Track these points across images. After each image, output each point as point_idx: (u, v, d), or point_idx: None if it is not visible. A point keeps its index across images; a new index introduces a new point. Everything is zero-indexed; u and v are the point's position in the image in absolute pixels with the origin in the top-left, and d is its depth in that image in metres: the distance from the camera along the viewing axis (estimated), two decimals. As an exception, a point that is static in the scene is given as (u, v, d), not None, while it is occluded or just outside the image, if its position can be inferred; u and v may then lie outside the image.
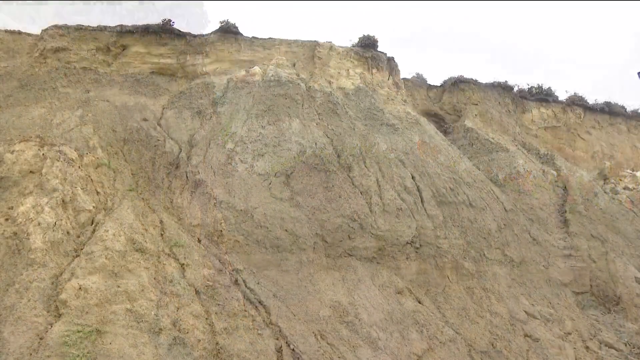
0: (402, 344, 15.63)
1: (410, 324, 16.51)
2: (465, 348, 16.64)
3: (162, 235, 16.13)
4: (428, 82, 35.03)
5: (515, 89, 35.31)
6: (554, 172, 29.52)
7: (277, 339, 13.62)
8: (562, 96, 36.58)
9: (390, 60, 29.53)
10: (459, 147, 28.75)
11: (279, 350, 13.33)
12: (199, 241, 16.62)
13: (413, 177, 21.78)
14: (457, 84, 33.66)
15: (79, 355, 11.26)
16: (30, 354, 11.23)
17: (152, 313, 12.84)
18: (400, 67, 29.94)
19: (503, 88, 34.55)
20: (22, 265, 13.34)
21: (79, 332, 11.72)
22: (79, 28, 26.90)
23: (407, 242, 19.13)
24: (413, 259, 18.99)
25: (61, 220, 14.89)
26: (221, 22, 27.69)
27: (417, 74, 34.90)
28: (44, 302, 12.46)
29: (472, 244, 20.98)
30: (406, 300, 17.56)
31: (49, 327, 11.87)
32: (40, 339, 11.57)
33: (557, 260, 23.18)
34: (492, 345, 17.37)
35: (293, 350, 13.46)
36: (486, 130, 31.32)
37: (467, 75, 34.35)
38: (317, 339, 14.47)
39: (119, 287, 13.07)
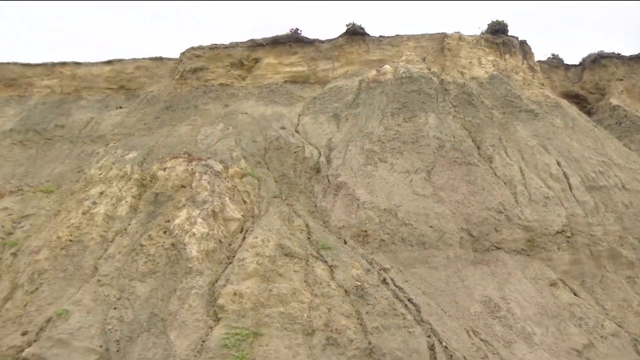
0: (559, 339, 14.93)
1: (567, 318, 15.73)
2: (629, 342, 15.53)
3: (308, 238, 16.56)
4: (565, 62, 33.39)
5: (666, 57, 32.64)
6: None
7: (429, 337, 13.43)
8: None
9: (523, 43, 28.48)
10: (605, 128, 27.14)
11: (432, 348, 13.13)
12: (345, 242, 16.88)
13: (558, 163, 20.78)
14: (598, 60, 31.73)
15: (238, 357, 11.84)
16: (195, 356, 12.01)
17: (305, 315, 13.21)
18: (533, 50, 28.86)
19: (650, 59, 32.11)
20: (181, 273, 14.33)
21: (237, 334, 12.33)
22: (213, 47, 28.43)
23: (558, 232, 18.22)
24: (565, 249, 18.07)
25: (213, 229, 15.78)
26: (347, 25, 28.03)
27: (553, 54, 33.45)
28: (203, 307, 13.28)
29: (630, 230, 19.61)
30: (560, 292, 16.75)
31: (209, 330, 12.63)
32: (203, 341, 12.34)
33: None
34: (662, 338, 16.12)
35: (446, 347, 13.22)
36: (635, 107, 29.31)
37: (608, 49, 32.36)
38: (470, 335, 14.17)
39: (271, 291, 13.58)
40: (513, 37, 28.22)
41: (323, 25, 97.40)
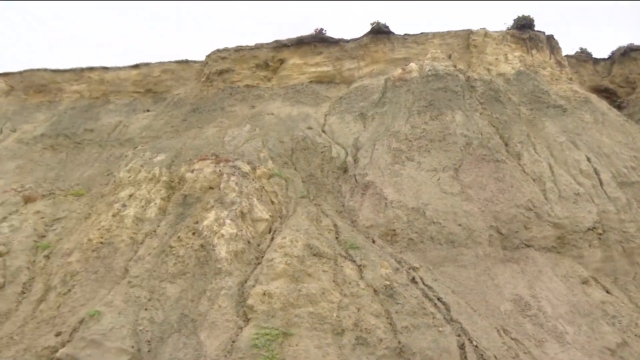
0: (592, 337, 14.66)
1: (599, 316, 15.44)
2: (666, 341, 15.25)
3: (337, 238, 16.55)
4: (594, 56, 32.83)
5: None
6: None
7: (459, 336, 13.32)
8: None
9: (550, 38, 28.07)
10: (636, 122, 26.58)
11: (462, 347, 13.02)
12: (373, 242, 16.85)
13: (588, 159, 20.47)
14: (627, 53, 31.11)
15: (268, 357, 11.87)
16: (225, 356, 12.08)
17: (334, 315, 13.18)
18: (561, 44, 28.44)
19: (682, 50, 31.39)
20: (210, 274, 14.44)
21: (266, 335, 12.36)
22: (239, 49, 28.60)
23: (589, 229, 17.92)
24: (596, 246, 17.77)
25: (241, 230, 15.86)
26: (372, 24, 27.96)
27: (581, 48, 32.83)
28: (233, 307, 13.36)
29: (664, 226, 19.23)
30: (593, 290, 16.47)
31: (239, 330, 12.68)
32: (233, 342, 12.40)
33: None
34: (699, 337, 15.74)
35: (476, 346, 13.10)
36: (668, 100, 28.74)
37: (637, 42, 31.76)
38: (500, 334, 14.02)
39: (300, 291, 13.60)
40: (540, 32, 27.81)
41: (347, 25, 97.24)
